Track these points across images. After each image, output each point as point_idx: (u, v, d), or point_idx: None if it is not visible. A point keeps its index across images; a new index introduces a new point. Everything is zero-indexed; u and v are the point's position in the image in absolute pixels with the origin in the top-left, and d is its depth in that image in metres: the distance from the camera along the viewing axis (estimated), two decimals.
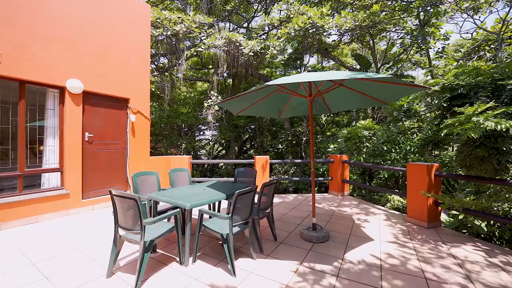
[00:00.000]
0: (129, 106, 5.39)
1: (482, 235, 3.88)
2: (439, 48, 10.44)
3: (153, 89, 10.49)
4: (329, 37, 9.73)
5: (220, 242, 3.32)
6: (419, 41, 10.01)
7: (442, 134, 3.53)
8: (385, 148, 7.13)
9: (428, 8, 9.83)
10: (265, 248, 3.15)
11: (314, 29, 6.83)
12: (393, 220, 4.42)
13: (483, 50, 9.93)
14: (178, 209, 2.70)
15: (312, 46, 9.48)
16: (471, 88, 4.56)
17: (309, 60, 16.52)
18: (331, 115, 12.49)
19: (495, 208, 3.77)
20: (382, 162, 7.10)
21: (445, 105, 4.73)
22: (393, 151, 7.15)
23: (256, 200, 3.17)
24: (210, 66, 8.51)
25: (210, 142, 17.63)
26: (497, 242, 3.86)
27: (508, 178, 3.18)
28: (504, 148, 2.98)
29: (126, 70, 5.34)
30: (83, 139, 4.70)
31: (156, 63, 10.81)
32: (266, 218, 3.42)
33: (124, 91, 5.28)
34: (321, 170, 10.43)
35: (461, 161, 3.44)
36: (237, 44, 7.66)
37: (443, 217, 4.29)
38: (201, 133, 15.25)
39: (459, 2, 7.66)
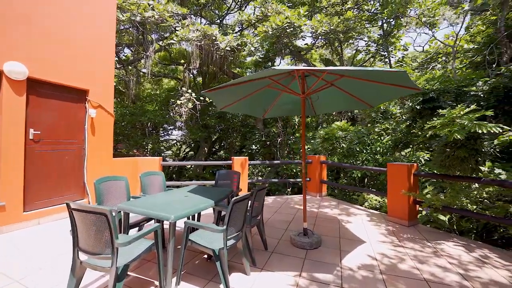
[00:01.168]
0: (88, 99, 4.57)
1: (449, 229, 4.14)
2: (399, 57, 11.37)
3: (114, 83, 9.35)
4: (304, 39, 9.85)
5: (205, 256, 2.90)
6: (382, 50, 10.77)
7: (427, 135, 3.64)
8: (357, 149, 7.39)
9: (391, 20, 10.66)
10: (257, 260, 2.83)
11: (291, 29, 6.76)
12: (375, 220, 4.48)
13: (435, 62, 11.10)
14: (159, 223, 2.22)
15: (285, 47, 9.49)
16: (440, 93, 4.90)
17: (280, 62, 16.73)
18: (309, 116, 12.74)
19: (464, 204, 4.04)
20: (354, 162, 7.35)
21: (418, 107, 5.01)
22: (364, 151, 7.45)
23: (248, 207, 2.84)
24: (182, 61, 7.88)
25: (177, 143, 16.59)
26: (457, 233, 4.14)
27: (482, 176, 3.40)
28: (483, 149, 3.16)
29: (85, 56, 4.52)
30: (27, 137, 3.79)
31: (119, 55, 9.69)
32: (256, 225, 3.11)
33: (82, 81, 4.46)
34: (295, 170, 10.51)
35: (441, 162, 3.58)
36: (213, 38, 7.21)
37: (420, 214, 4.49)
38: (169, 132, 14.21)
39: (420, 16, 8.38)
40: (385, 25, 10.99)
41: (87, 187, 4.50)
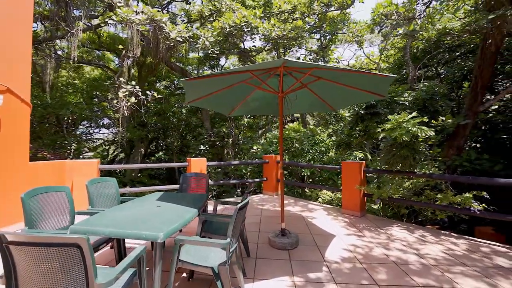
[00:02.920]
0: None
1: (388, 216, 4.95)
2: None
3: None
4: (254, 41, 9.96)
5: (185, 275, 2.48)
6: (320, 60, 12.04)
7: (379, 137, 4.20)
8: (305, 149, 7.98)
9: (327, 35, 12.06)
10: (245, 269, 2.62)
11: (249, 29, 6.71)
12: (333, 213, 4.88)
13: None
14: (144, 246, 1.74)
15: (235, 46, 9.39)
16: (378, 101, 5.78)
17: (226, 61, 16.49)
18: (251, 116, 12.89)
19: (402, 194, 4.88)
20: (303, 161, 7.92)
21: (362, 112, 5.78)
22: (310, 151, 8.12)
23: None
24: (121, 47, 6.67)
25: (104, 143, 14.07)
26: (386, 218, 5.00)
27: (417, 171, 4.16)
28: (420, 149, 3.87)
29: None
30: None
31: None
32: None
33: None
34: (244, 171, 10.49)
35: (387, 159, 4.19)
36: (161, 25, 6.39)
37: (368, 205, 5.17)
38: (94, 131, 11.81)
39: (353, 35, 9.78)
40: (322, 38, 12.36)
41: None
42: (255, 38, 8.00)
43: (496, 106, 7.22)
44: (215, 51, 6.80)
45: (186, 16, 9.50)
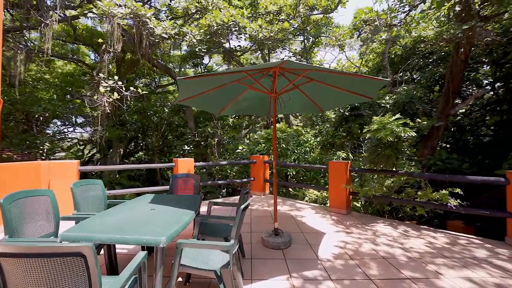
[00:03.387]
0: None
1: (369, 213, 5.19)
2: None
3: None
4: (240, 41, 9.91)
5: (180, 279, 2.41)
6: (303, 61, 12.30)
7: (361, 138, 4.38)
8: (290, 149, 8.12)
9: (310, 37, 12.36)
10: (242, 270, 2.60)
11: (236, 28, 6.67)
12: (320, 212, 5.02)
13: None
14: (145, 252, 1.66)
15: (220, 45, 9.30)
16: (361, 103, 6.04)
17: (209, 60, 16.22)
18: (236, 117, 12.82)
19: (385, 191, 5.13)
20: (287, 161, 8.04)
21: (347, 113, 6.00)
22: (295, 151, 8.27)
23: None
24: (100, 40, 6.29)
25: (79, 143, 13.18)
26: (369, 215, 5.27)
27: (399, 170, 4.41)
28: (402, 149, 4.11)
29: None
30: None
31: None
32: None
33: None
34: (229, 171, 10.40)
35: (372, 159, 4.40)
36: (144, 20, 6.13)
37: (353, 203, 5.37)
38: (66, 129, 10.98)
39: (336, 38, 10.11)
40: (305, 40, 12.64)
41: None
42: (241, 38, 7.97)
43: (463, 110, 7.88)
44: (203, 49, 6.67)
45: (169, 12, 9.20)
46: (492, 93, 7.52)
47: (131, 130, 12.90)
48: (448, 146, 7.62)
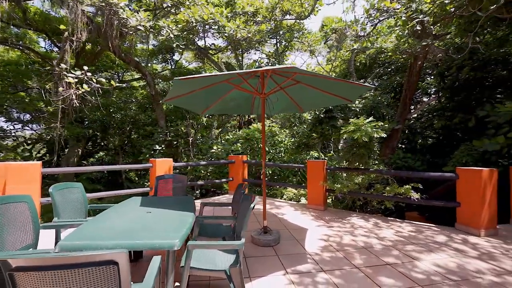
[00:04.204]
0: None
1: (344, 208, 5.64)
2: None
3: None
4: (216, 39, 9.77)
5: (178, 283, 2.34)
6: (275, 64, 12.66)
7: (343, 138, 4.73)
8: (266, 149, 8.32)
9: (283, 41, 12.78)
10: None
11: (216, 27, 6.59)
12: (299, 209, 5.27)
13: None
14: (159, 257, 1.59)
15: (193, 42, 9.07)
16: (334, 106, 6.48)
17: (180, 57, 15.57)
18: (209, 116, 12.56)
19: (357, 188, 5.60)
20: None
21: (322, 115, 6.39)
22: (271, 151, 8.51)
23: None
24: (63, 27, 5.61)
25: (26, 142, 11.48)
26: (343, 210, 5.76)
27: (370, 168, 4.87)
28: (374, 149, 4.55)
29: None
30: None
31: None
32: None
33: None
34: (203, 172, 10.17)
35: (347, 158, 4.78)
36: (116, 10, 5.66)
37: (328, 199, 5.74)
38: (10, 126, 9.43)
39: (308, 44, 10.63)
40: (278, 44, 13.02)
41: None
42: (218, 36, 7.88)
43: (415, 115, 9.01)
44: (180, 45, 6.42)
45: (138, 2, 8.63)
46: (437, 100, 8.74)
47: (90, 128, 11.72)
48: (403, 146, 8.62)
